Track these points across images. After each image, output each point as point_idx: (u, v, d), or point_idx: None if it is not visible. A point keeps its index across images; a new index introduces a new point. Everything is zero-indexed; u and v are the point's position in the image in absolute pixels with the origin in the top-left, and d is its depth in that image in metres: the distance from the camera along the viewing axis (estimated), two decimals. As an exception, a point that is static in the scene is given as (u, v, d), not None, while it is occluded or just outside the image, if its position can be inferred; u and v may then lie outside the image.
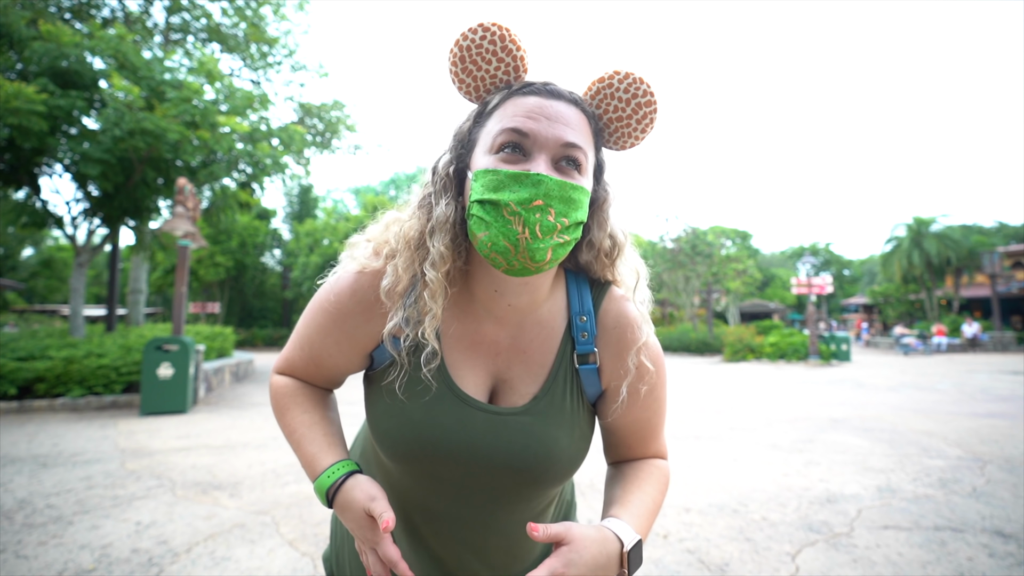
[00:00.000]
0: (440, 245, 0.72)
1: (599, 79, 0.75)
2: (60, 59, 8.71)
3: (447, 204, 0.74)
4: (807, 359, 16.38)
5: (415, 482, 0.77)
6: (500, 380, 0.79)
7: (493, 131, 0.70)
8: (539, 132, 0.68)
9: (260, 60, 13.90)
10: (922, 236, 27.73)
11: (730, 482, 3.96)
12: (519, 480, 0.75)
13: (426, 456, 0.73)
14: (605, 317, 0.81)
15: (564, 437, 0.76)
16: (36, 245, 37.52)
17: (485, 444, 0.73)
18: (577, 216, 0.69)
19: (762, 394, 9.09)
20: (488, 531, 0.79)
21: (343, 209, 37.03)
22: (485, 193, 0.67)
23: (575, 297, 0.81)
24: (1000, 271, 24.71)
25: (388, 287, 0.74)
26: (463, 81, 0.76)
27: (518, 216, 0.65)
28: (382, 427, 0.76)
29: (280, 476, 4.08)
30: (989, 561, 2.63)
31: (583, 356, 0.79)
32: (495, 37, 0.72)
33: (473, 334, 0.78)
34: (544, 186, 0.66)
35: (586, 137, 0.72)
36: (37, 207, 10.21)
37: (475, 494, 0.76)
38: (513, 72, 0.75)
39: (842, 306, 46.77)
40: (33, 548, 2.77)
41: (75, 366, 7.29)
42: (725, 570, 2.57)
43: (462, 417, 0.74)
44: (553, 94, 0.71)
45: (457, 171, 0.76)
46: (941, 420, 6.37)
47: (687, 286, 24.99)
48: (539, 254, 0.66)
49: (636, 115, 0.76)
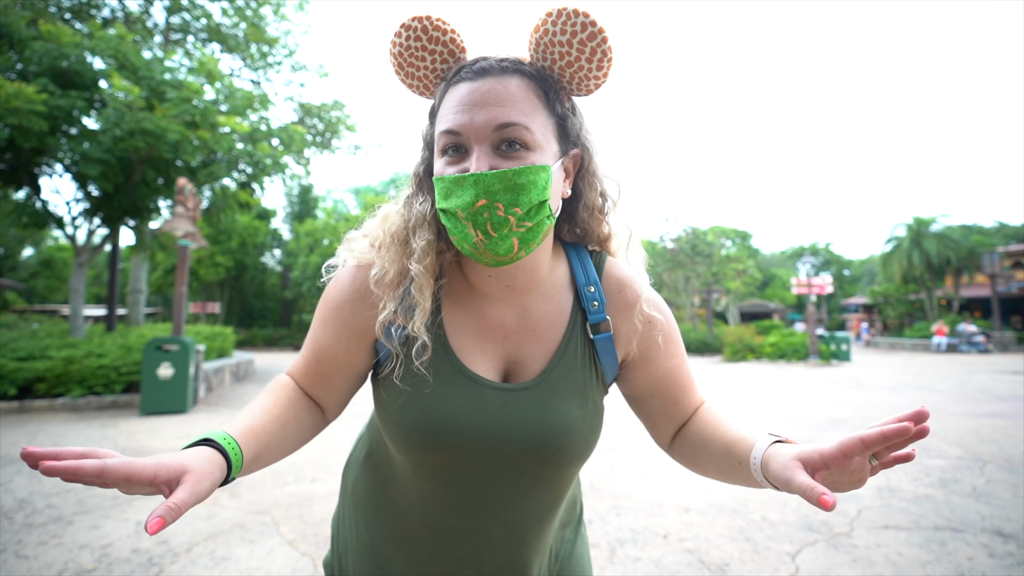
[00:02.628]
0: (422, 240, 0.74)
1: (534, 28, 0.69)
2: (60, 59, 8.71)
3: (423, 202, 0.76)
4: (807, 359, 16.38)
5: (433, 478, 0.75)
6: (512, 362, 0.77)
7: (437, 133, 0.70)
8: (468, 124, 0.65)
9: (260, 60, 13.90)
10: (922, 236, 27.74)
11: (730, 482, 3.96)
12: (537, 458, 0.73)
13: (441, 443, 0.72)
14: (608, 284, 0.81)
15: (577, 408, 0.75)
16: (36, 245, 37.51)
17: (499, 423, 0.72)
18: (533, 198, 0.65)
19: (762, 394, 9.09)
20: (510, 521, 0.77)
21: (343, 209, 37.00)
22: (441, 202, 0.68)
23: (578, 269, 0.81)
24: (1000, 271, 24.72)
25: (376, 277, 0.75)
26: (412, 85, 0.76)
27: (468, 221, 0.65)
28: (393, 420, 0.74)
29: (280, 476, 4.08)
30: (989, 561, 2.63)
31: (596, 326, 0.78)
32: (418, 32, 0.70)
33: (478, 320, 0.78)
34: (482, 184, 0.64)
35: (529, 104, 0.68)
36: (37, 207, 10.21)
37: (495, 479, 0.75)
38: (450, 58, 0.72)
39: (842, 306, 46.77)
40: (33, 548, 2.77)
41: (75, 366, 7.29)
42: (725, 570, 2.57)
43: (474, 398, 0.73)
44: (480, 73, 0.68)
45: (427, 171, 0.78)
46: (941, 420, 6.37)
47: (687, 286, 25.00)
48: (502, 248, 0.66)
49: (583, 54, 0.68)
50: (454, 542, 0.77)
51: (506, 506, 0.76)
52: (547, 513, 0.80)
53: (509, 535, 0.77)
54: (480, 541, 0.77)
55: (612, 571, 2.57)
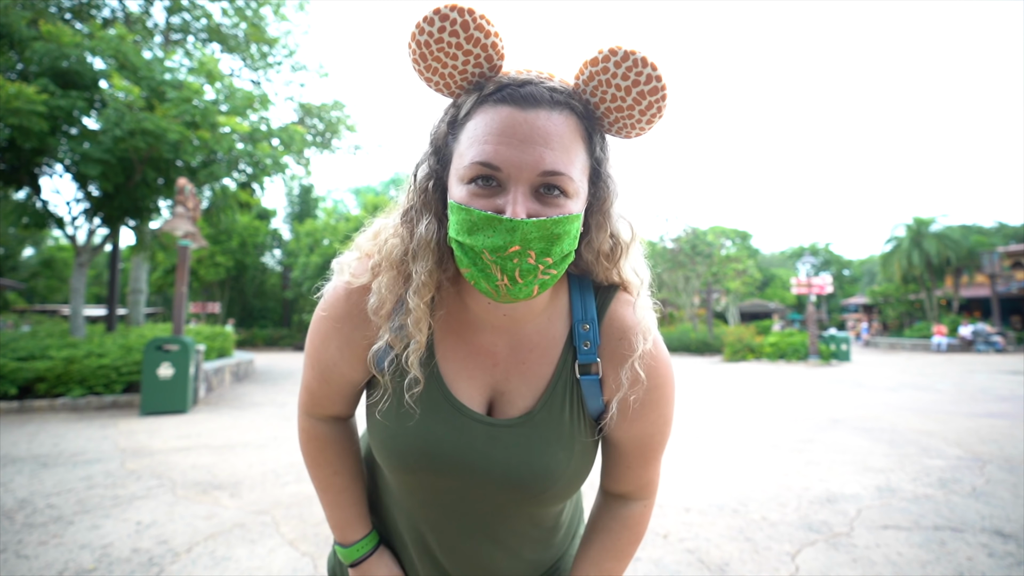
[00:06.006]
0: (423, 272, 0.68)
1: (592, 60, 0.63)
2: (60, 59, 8.71)
3: (428, 223, 0.68)
4: (807, 359, 16.38)
5: (419, 493, 0.77)
6: (498, 392, 0.75)
7: (465, 157, 0.62)
8: (512, 162, 0.59)
9: (260, 60, 13.91)
10: (922, 236, 27.72)
11: (730, 482, 3.96)
12: (519, 497, 0.72)
13: (423, 468, 0.72)
14: (610, 325, 0.74)
15: (562, 452, 0.72)
16: (36, 245, 37.52)
17: (482, 456, 0.71)
18: (563, 249, 0.63)
19: (762, 394, 9.09)
20: (495, 545, 0.78)
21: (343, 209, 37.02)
22: (460, 235, 0.62)
23: (578, 304, 0.75)
24: (1000, 271, 24.72)
25: (374, 307, 0.71)
26: (430, 80, 0.66)
27: (495, 264, 0.60)
28: (379, 438, 0.75)
29: (280, 476, 4.08)
30: (989, 561, 2.63)
31: (584, 367, 0.73)
32: (457, 27, 0.60)
33: (469, 344, 0.75)
34: (520, 232, 0.59)
35: (574, 147, 0.63)
36: (37, 207, 10.21)
37: (477, 507, 0.75)
38: (486, 63, 0.64)
39: (842, 306, 46.76)
40: (33, 548, 2.77)
41: (75, 366, 7.29)
42: (725, 570, 2.57)
43: (459, 427, 0.72)
44: (529, 101, 0.61)
45: (437, 185, 0.70)
46: (941, 420, 6.37)
47: (687, 286, 25.00)
48: (523, 293, 0.63)
49: (639, 105, 0.64)
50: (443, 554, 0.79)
51: (492, 530, 0.77)
52: (542, 532, 0.82)
53: (493, 557, 0.79)
54: (464, 560, 0.79)
55: (612, 571, 2.57)
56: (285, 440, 5.39)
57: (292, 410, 7.38)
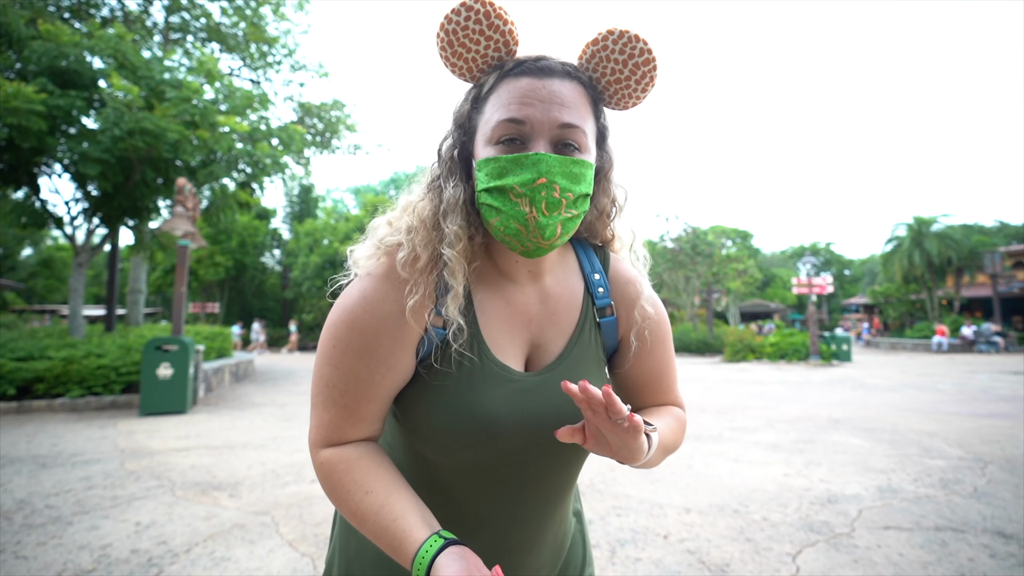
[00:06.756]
0: (454, 225, 0.73)
1: (592, 41, 0.74)
2: (59, 59, 8.70)
3: (455, 186, 0.75)
4: (807, 359, 16.37)
5: (467, 475, 0.76)
6: (535, 346, 0.81)
7: (491, 121, 0.71)
8: (534, 117, 0.68)
9: (260, 60, 13.90)
10: (923, 236, 27.70)
11: (731, 482, 3.95)
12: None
13: (487, 436, 0.72)
14: (615, 277, 0.87)
15: (597, 382, 0.80)
16: (35, 245, 37.52)
17: (534, 410, 0.74)
18: (581, 189, 0.71)
19: (762, 394, 9.08)
20: (537, 500, 0.80)
21: (343, 209, 37.03)
22: (491, 181, 0.69)
23: (584, 259, 0.86)
24: (1001, 271, 24.71)
25: (405, 259, 0.72)
26: (455, 65, 0.75)
27: (524, 197, 0.67)
28: (434, 423, 0.72)
29: (280, 476, 4.07)
30: (990, 562, 2.62)
31: (601, 310, 0.84)
32: (480, 15, 0.70)
33: (507, 306, 0.79)
34: (545, 164, 0.67)
35: (584, 110, 0.72)
36: (36, 207, 10.21)
37: (529, 468, 0.77)
38: (504, 48, 0.74)
39: (843, 306, 46.77)
40: (32, 548, 2.76)
41: (74, 366, 7.28)
42: (726, 570, 2.57)
43: (511, 390, 0.75)
44: (545, 71, 0.71)
45: (461, 155, 0.77)
46: (942, 420, 6.36)
47: (687, 286, 24.99)
48: (549, 231, 0.69)
49: (635, 75, 0.75)
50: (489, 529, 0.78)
51: (534, 487, 0.79)
52: (566, 488, 0.84)
53: (537, 513, 0.81)
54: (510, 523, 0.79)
55: (612, 571, 2.56)
56: (285, 440, 5.38)
57: (292, 410, 7.37)
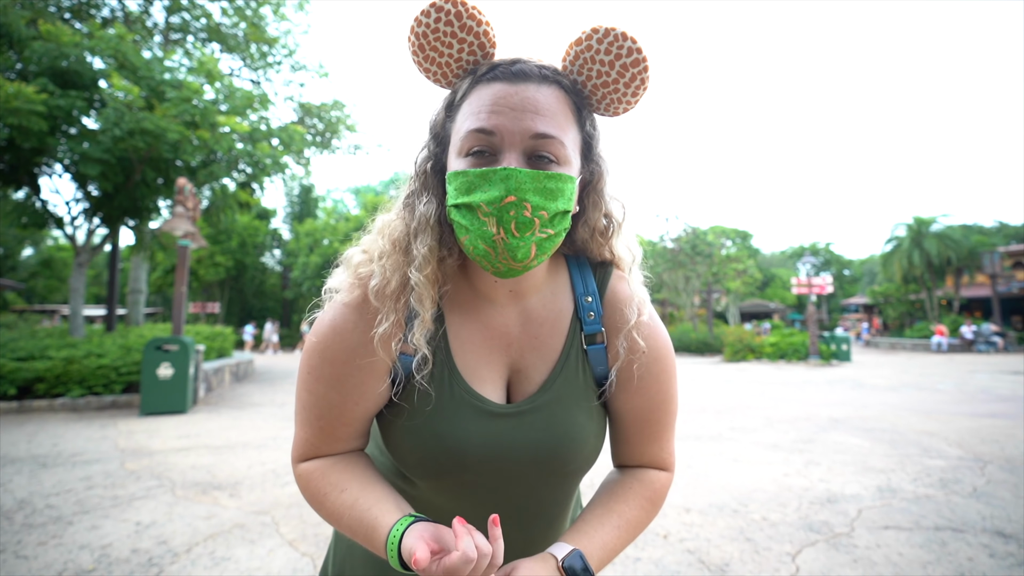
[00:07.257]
0: (423, 247, 0.69)
1: (576, 41, 0.66)
2: (60, 59, 8.71)
3: (427, 203, 0.71)
4: (807, 359, 16.37)
5: (445, 495, 0.75)
6: (515, 370, 0.76)
7: (461, 131, 0.65)
8: (504, 127, 0.62)
9: (260, 60, 13.89)
10: (922, 236, 27.71)
11: (730, 482, 3.96)
12: (548, 470, 0.73)
13: (456, 467, 0.70)
14: (611, 299, 0.78)
15: (582, 416, 0.74)
16: (36, 245, 37.51)
17: (509, 444, 0.71)
18: (558, 206, 0.64)
19: (762, 394, 9.08)
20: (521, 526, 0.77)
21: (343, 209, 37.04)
22: (459, 196, 0.64)
23: (578, 279, 0.79)
24: (1000, 271, 24.71)
25: (377, 288, 0.69)
26: (428, 70, 0.70)
27: (491, 217, 0.61)
28: (405, 446, 0.72)
29: (280, 476, 4.07)
30: (990, 561, 2.63)
31: (590, 336, 0.76)
32: (451, 17, 0.64)
33: (483, 330, 0.75)
34: (514, 180, 0.61)
35: (563, 118, 0.66)
36: (37, 207, 10.21)
37: (507, 494, 0.74)
38: (479, 50, 0.68)
39: (842, 306, 46.76)
40: (33, 548, 2.76)
41: (75, 366, 7.29)
42: (725, 570, 2.57)
43: (483, 422, 0.71)
44: (519, 76, 0.65)
45: (435, 167, 0.73)
46: (942, 420, 6.36)
47: (687, 286, 24.98)
48: (520, 252, 0.63)
49: (623, 78, 0.67)
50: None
51: (517, 513, 0.76)
52: (559, 513, 0.81)
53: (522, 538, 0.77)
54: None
55: (612, 571, 2.56)
56: (285, 440, 5.38)
57: (292, 410, 7.37)
